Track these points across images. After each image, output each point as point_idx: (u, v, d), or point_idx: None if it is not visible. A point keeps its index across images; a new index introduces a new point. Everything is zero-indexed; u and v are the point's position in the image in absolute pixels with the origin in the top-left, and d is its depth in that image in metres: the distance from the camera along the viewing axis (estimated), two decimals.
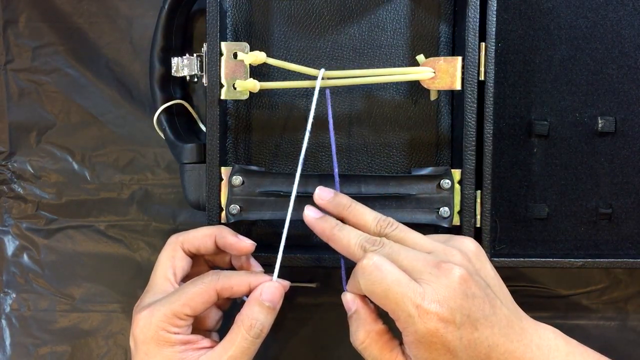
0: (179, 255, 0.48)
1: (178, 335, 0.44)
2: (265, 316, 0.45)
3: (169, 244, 0.49)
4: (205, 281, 0.45)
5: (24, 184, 0.60)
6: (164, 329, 0.44)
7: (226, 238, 0.48)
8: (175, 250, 0.48)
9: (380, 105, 0.56)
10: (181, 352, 0.44)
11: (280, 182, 0.52)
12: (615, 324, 0.60)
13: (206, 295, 0.45)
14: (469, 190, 0.51)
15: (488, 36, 0.51)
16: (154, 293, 0.47)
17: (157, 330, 0.44)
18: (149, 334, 0.44)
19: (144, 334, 0.44)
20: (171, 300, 0.44)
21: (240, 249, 0.48)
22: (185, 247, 0.48)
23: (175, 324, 0.44)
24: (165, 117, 0.56)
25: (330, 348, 0.60)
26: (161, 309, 0.44)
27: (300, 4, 0.56)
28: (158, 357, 0.44)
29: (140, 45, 0.59)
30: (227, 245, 0.48)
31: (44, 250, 0.60)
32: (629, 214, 0.57)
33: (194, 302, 0.44)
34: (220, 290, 0.45)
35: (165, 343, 0.44)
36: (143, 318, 0.44)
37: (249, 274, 0.47)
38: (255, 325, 0.44)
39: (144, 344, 0.44)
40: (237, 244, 0.47)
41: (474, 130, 0.51)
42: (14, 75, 0.60)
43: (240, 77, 0.51)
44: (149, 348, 0.44)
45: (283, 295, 0.46)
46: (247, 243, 0.47)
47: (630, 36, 0.56)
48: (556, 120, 0.56)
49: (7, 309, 0.61)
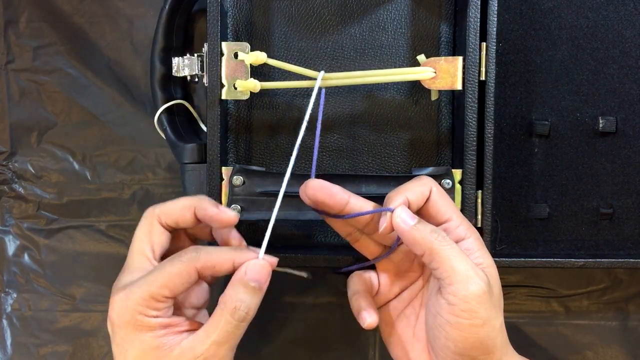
0: (157, 230, 0.44)
1: (157, 318, 0.41)
2: (251, 297, 0.41)
3: (145, 218, 0.44)
4: (183, 259, 0.41)
5: (25, 183, 0.60)
6: (141, 312, 0.40)
7: (206, 210, 0.43)
8: (152, 225, 0.44)
9: (381, 105, 0.56)
10: (161, 337, 0.41)
11: (281, 182, 0.52)
12: (616, 324, 0.60)
13: (185, 274, 0.41)
14: (469, 190, 0.51)
15: (489, 36, 0.51)
16: (130, 272, 0.43)
17: (134, 314, 0.40)
18: (126, 318, 0.41)
19: (120, 318, 0.41)
20: (148, 281, 0.41)
21: (221, 220, 0.44)
22: (163, 220, 0.44)
23: (154, 306, 0.41)
24: (166, 117, 0.56)
25: (330, 348, 0.60)
26: (137, 291, 0.41)
27: (301, 4, 0.56)
28: (136, 343, 0.41)
29: (141, 45, 0.59)
30: (207, 218, 0.44)
31: (44, 250, 0.60)
32: (630, 214, 0.57)
33: (173, 283, 0.41)
34: (200, 268, 0.41)
35: (143, 327, 0.41)
36: (119, 301, 0.41)
37: (232, 250, 0.43)
38: (240, 307, 0.41)
39: (121, 329, 0.41)
40: (217, 216, 0.43)
41: (475, 130, 0.51)
42: (15, 75, 0.60)
43: (241, 77, 0.51)
44: (126, 333, 0.41)
45: (270, 274, 0.43)
46: (229, 214, 0.44)
47: (631, 36, 0.56)
48: (557, 120, 0.56)
49: (8, 309, 0.61)
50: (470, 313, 0.41)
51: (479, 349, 0.42)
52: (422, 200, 0.44)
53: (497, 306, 0.43)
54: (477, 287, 0.41)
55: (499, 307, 0.44)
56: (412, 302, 0.47)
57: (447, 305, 0.42)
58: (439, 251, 0.42)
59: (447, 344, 0.42)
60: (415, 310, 0.47)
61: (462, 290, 0.41)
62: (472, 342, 0.42)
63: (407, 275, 0.47)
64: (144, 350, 0.41)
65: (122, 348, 0.41)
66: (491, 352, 0.42)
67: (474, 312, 0.41)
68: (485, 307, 0.41)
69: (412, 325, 0.47)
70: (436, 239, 0.42)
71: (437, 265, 0.42)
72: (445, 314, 0.42)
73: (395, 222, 0.43)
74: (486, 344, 0.42)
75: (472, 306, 0.41)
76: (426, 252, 0.42)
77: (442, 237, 0.42)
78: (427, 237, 0.42)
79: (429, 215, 0.45)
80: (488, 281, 0.42)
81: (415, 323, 0.47)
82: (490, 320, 0.42)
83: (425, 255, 0.42)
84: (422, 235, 0.42)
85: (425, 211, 0.45)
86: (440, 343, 0.43)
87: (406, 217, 0.43)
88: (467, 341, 0.42)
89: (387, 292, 0.47)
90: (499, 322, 0.43)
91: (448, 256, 0.42)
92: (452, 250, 0.42)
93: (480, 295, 0.41)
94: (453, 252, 0.42)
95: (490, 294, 0.42)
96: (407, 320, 0.47)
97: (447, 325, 0.42)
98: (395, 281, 0.47)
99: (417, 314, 0.47)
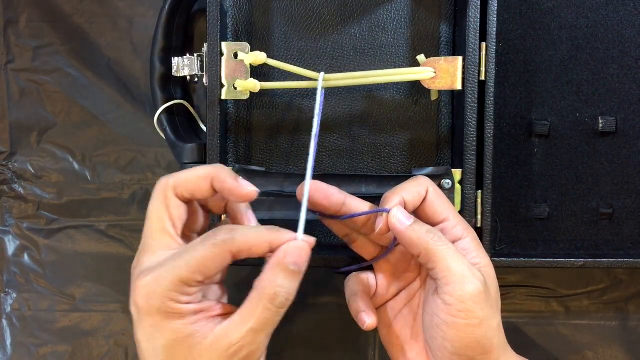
0: (174, 203, 0.40)
1: (188, 305, 0.38)
2: (291, 282, 0.38)
3: (159, 191, 0.41)
4: (217, 242, 0.38)
5: (25, 184, 0.60)
6: (172, 298, 0.37)
7: (224, 181, 0.40)
8: (169, 197, 0.40)
9: (381, 105, 0.56)
10: (193, 324, 0.38)
11: (280, 182, 0.52)
12: (616, 324, 0.60)
13: (220, 259, 0.38)
14: (469, 190, 0.51)
15: (489, 36, 0.51)
16: (153, 252, 0.40)
17: (163, 300, 0.37)
18: (155, 305, 0.37)
19: (148, 304, 0.38)
20: (179, 265, 0.37)
21: (240, 194, 0.40)
22: (179, 191, 0.40)
23: (185, 292, 0.38)
24: (165, 117, 0.56)
25: (330, 348, 0.60)
26: (167, 276, 0.37)
27: (301, 4, 0.56)
28: (166, 332, 0.38)
29: (141, 45, 0.59)
30: (225, 190, 0.40)
31: (44, 250, 0.60)
32: (629, 214, 0.57)
33: (206, 267, 0.38)
34: (236, 251, 0.38)
35: (174, 315, 0.38)
36: (146, 286, 0.38)
37: (269, 231, 0.39)
38: (280, 293, 0.38)
39: (149, 316, 0.38)
40: (236, 190, 0.40)
41: (475, 130, 0.51)
42: (15, 75, 0.60)
43: (240, 77, 0.51)
44: (155, 321, 0.38)
45: (309, 255, 0.40)
46: (249, 189, 0.40)
47: (631, 36, 0.56)
48: (557, 120, 0.56)
49: (8, 309, 0.61)
50: (467, 313, 0.41)
51: (476, 349, 0.42)
52: (418, 201, 0.44)
53: (494, 306, 0.43)
54: (473, 287, 0.41)
55: (496, 307, 0.44)
56: (410, 302, 0.47)
57: (443, 306, 0.42)
58: (435, 251, 0.42)
59: (444, 344, 0.42)
60: (412, 311, 0.47)
61: (459, 290, 0.41)
62: (469, 342, 0.42)
63: (404, 276, 0.47)
64: (175, 339, 0.38)
65: (150, 336, 0.38)
66: (489, 352, 0.42)
67: (471, 312, 0.41)
68: (482, 306, 0.41)
69: (410, 326, 0.47)
70: (432, 239, 0.42)
71: (434, 265, 0.42)
72: (442, 314, 0.42)
73: (391, 223, 0.43)
74: (483, 344, 0.42)
75: (468, 306, 0.41)
76: (422, 252, 0.42)
77: (438, 237, 0.42)
78: (423, 238, 0.42)
79: (426, 215, 0.45)
80: (484, 281, 0.42)
81: (413, 324, 0.47)
82: (487, 320, 0.42)
83: (422, 256, 0.42)
84: (418, 236, 0.42)
85: (422, 211, 0.45)
86: (438, 343, 0.43)
87: (402, 218, 0.43)
88: (464, 341, 0.42)
89: (385, 292, 0.47)
90: (497, 321, 0.43)
91: (444, 256, 0.42)
92: (448, 250, 0.42)
93: (477, 295, 0.41)
94: (449, 252, 0.42)
95: (486, 294, 0.42)
96: (405, 320, 0.47)
97: (444, 326, 0.42)
98: (393, 282, 0.47)
99: (415, 315, 0.47)
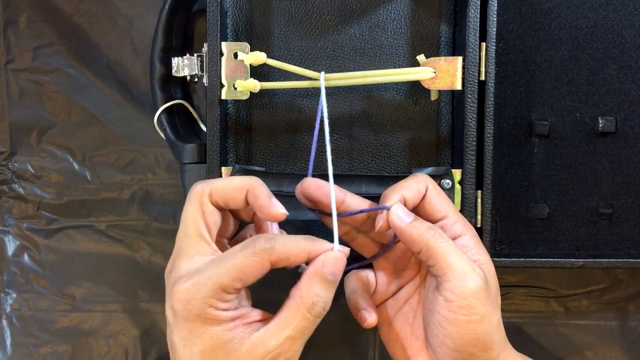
0: (209, 209, 0.42)
1: (226, 311, 0.39)
2: (327, 291, 0.40)
3: (195, 196, 0.42)
4: (257, 251, 0.39)
5: (25, 183, 0.60)
6: (211, 305, 0.38)
7: (258, 197, 0.41)
8: (204, 204, 0.42)
9: (380, 105, 0.56)
10: (230, 330, 0.39)
11: (280, 182, 0.52)
12: (616, 324, 0.60)
13: (259, 267, 0.39)
14: (469, 190, 0.51)
15: (489, 36, 0.51)
16: (189, 257, 0.41)
17: (203, 307, 0.38)
18: (194, 311, 0.38)
19: (187, 310, 0.38)
20: (219, 272, 0.38)
21: (270, 214, 0.41)
22: (214, 199, 0.42)
23: (224, 298, 0.39)
24: (165, 117, 0.56)
25: (330, 348, 0.60)
26: (207, 283, 0.38)
27: (301, 3, 0.56)
28: (205, 337, 0.39)
29: (141, 45, 0.59)
30: (256, 205, 0.41)
31: (44, 250, 0.60)
32: (629, 214, 0.57)
33: (245, 275, 0.38)
34: (275, 261, 0.39)
35: (213, 321, 0.39)
36: (185, 292, 0.39)
37: (306, 241, 0.40)
38: (318, 303, 0.39)
39: (188, 322, 0.39)
40: (268, 208, 0.41)
41: (475, 130, 0.51)
42: (15, 75, 0.60)
43: (240, 77, 0.51)
44: (193, 326, 0.39)
45: (345, 265, 0.41)
46: (280, 211, 0.41)
47: (630, 36, 0.56)
48: (557, 120, 0.56)
49: (8, 309, 0.61)
50: (468, 309, 0.41)
51: (477, 345, 0.42)
52: (418, 198, 0.45)
53: (494, 302, 0.43)
54: (474, 283, 0.41)
55: (497, 304, 0.44)
56: (410, 299, 0.47)
57: (444, 302, 0.42)
58: (436, 248, 0.42)
59: (445, 341, 0.42)
60: (412, 308, 0.47)
61: (460, 286, 0.41)
62: (469, 338, 0.42)
63: (404, 274, 0.48)
64: (213, 344, 0.39)
65: (188, 341, 0.39)
66: (489, 348, 0.42)
67: (472, 309, 0.41)
68: (483, 303, 0.41)
69: (410, 323, 0.47)
70: (432, 235, 0.42)
71: (434, 262, 0.42)
72: (442, 311, 0.42)
73: (391, 220, 0.43)
74: (484, 340, 0.42)
75: (469, 302, 0.41)
76: (423, 249, 0.42)
77: (438, 234, 0.42)
78: (424, 234, 0.42)
79: (426, 212, 0.45)
80: (485, 277, 0.42)
81: (413, 321, 0.47)
82: (488, 316, 0.42)
83: (422, 253, 0.42)
84: (419, 232, 0.42)
85: (422, 209, 0.45)
86: (438, 340, 0.43)
87: (402, 215, 0.43)
88: (464, 337, 0.42)
89: (385, 290, 0.47)
90: (497, 318, 0.43)
91: (445, 253, 0.42)
92: (449, 246, 0.42)
93: (478, 292, 0.41)
94: (449, 248, 0.42)
95: (487, 290, 0.42)
96: (405, 318, 0.47)
97: (445, 322, 0.42)
98: (393, 279, 0.47)
99: (415, 312, 0.47)
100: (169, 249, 0.60)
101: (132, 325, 0.60)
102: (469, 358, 0.42)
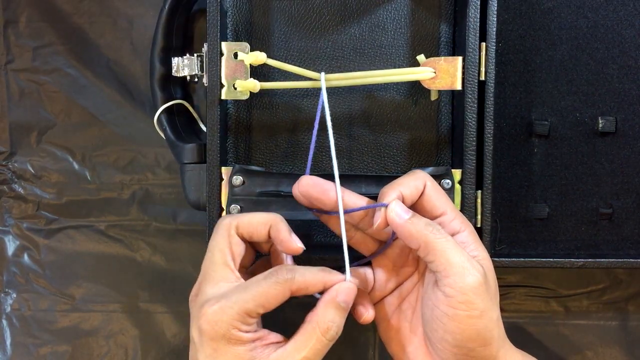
0: (235, 241, 0.45)
1: (248, 333, 0.43)
2: (340, 317, 0.43)
3: (223, 228, 0.45)
4: (280, 280, 0.42)
5: (25, 184, 0.60)
6: (235, 327, 0.42)
7: (280, 232, 0.45)
8: (231, 236, 0.45)
9: (380, 105, 0.56)
10: (251, 350, 0.42)
11: (280, 182, 0.52)
12: (616, 324, 0.60)
13: (281, 295, 0.43)
14: (469, 190, 0.51)
15: (488, 36, 0.51)
16: (215, 283, 0.44)
17: (229, 328, 0.42)
18: (220, 332, 0.42)
19: (214, 330, 0.42)
20: (244, 298, 0.42)
21: (289, 248, 0.45)
22: (240, 231, 0.45)
23: (247, 322, 0.42)
24: (165, 117, 0.56)
25: (330, 348, 0.60)
26: (234, 307, 0.42)
27: (301, 4, 0.56)
28: (229, 355, 0.42)
29: (141, 45, 0.59)
30: (277, 239, 0.45)
31: (44, 250, 0.60)
32: (629, 214, 0.57)
33: (268, 302, 0.42)
34: (295, 290, 0.43)
35: (237, 341, 0.42)
36: (213, 314, 0.42)
37: (323, 272, 0.44)
38: (332, 328, 0.43)
39: (213, 341, 0.42)
40: (288, 243, 0.45)
41: (475, 130, 0.51)
42: (15, 75, 0.60)
43: (240, 77, 0.51)
44: (218, 345, 0.42)
45: (356, 294, 0.44)
46: (298, 245, 0.45)
47: (630, 36, 0.56)
48: (557, 120, 0.56)
49: (8, 309, 0.61)
50: (468, 304, 0.41)
51: (476, 340, 0.42)
52: (416, 195, 0.45)
53: (493, 298, 0.43)
54: (473, 278, 0.41)
55: (496, 299, 0.44)
56: (408, 296, 0.47)
57: (444, 298, 0.42)
58: (435, 244, 0.42)
59: (444, 337, 0.42)
60: (411, 305, 0.47)
61: (459, 282, 0.41)
62: (469, 333, 0.42)
63: (402, 271, 0.48)
64: None
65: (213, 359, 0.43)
66: (489, 343, 0.42)
67: (472, 304, 0.41)
68: (482, 298, 0.42)
69: (408, 320, 0.47)
70: (431, 232, 0.42)
71: (433, 258, 0.42)
72: (442, 306, 0.42)
73: (389, 217, 0.43)
74: (484, 336, 0.42)
75: (469, 297, 0.41)
76: (421, 245, 0.42)
77: (437, 230, 0.43)
78: (422, 231, 0.42)
79: (424, 209, 0.45)
80: (484, 273, 0.42)
81: (412, 318, 0.47)
82: (488, 312, 0.42)
83: (421, 249, 0.43)
84: (417, 229, 0.43)
85: (420, 205, 0.45)
86: (438, 336, 0.43)
87: (400, 212, 0.43)
88: (464, 333, 0.42)
89: (383, 288, 0.48)
90: (496, 314, 0.43)
91: (443, 249, 0.42)
92: (448, 242, 0.42)
93: (477, 287, 0.41)
94: (448, 244, 0.42)
95: (486, 286, 0.42)
96: (404, 315, 0.47)
97: (445, 318, 0.42)
98: (391, 277, 0.48)
99: (414, 309, 0.47)
100: (169, 249, 0.60)
101: (132, 325, 0.60)
102: (469, 353, 0.42)
